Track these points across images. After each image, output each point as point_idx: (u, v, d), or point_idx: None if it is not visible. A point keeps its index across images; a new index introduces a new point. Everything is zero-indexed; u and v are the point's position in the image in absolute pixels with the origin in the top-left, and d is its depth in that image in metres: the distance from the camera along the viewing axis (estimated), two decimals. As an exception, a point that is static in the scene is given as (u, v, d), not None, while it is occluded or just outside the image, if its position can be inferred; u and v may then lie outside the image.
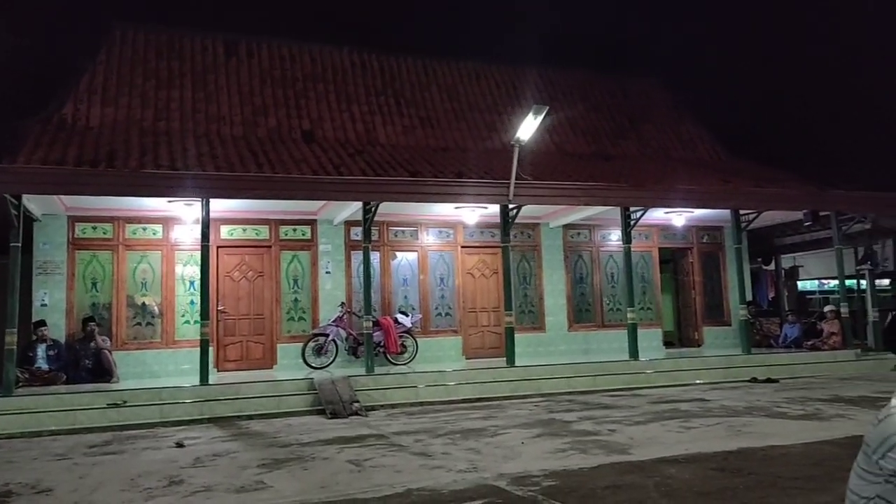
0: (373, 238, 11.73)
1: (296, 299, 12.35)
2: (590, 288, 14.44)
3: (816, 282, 22.48)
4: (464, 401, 9.79)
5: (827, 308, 14.90)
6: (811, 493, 3.95)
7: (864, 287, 16.93)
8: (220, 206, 10.75)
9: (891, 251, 17.14)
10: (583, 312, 14.32)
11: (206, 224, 10.12)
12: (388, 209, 11.63)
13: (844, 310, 13.54)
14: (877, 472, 1.92)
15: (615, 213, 12.52)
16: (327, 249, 12.57)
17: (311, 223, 12.55)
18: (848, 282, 14.92)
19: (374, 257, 12.54)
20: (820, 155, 18.98)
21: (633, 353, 11.86)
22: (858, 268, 16.46)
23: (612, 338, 13.75)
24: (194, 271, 11.36)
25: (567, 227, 14.17)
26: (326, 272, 12.50)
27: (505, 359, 11.34)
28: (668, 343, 15.20)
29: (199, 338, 9.96)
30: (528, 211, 12.05)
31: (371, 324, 10.90)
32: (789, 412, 7.54)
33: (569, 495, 4.13)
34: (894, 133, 21.87)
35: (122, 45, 13.92)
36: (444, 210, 12.42)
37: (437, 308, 13.26)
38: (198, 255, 10.59)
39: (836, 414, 7.20)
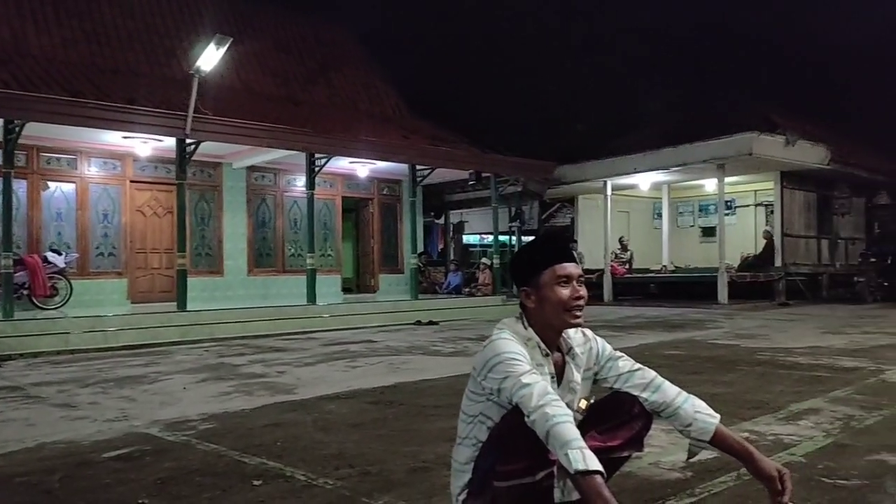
0: (18, 163, 10.07)
1: None
2: (272, 232, 14.30)
3: (478, 236, 25.25)
4: (125, 347, 9.06)
5: (482, 260, 16.87)
6: (449, 418, 4.38)
7: (514, 242, 19.47)
8: None
9: (536, 212, 19.96)
10: (264, 257, 14.15)
11: None
12: (39, 131, 10.08)
13: (496, 262, 15.42)
14: (480, 392, 2.21)
15: (301, 158, 12.48)
16: (-47, 173, 10.46)
17: (-69, 140, 10.30)
18: (501, 237, 16.99)
19: (20, 186, 10.82)
20: (486, 122, 21.15)
21: (312, 297, 12.10)
22: (510, 225, 18.82)
23: (292, 283, 13.84)
24: None
25: (251, 168, 13.78)
26: (-48, 200, 10.42)
27: (176, 303, 10.71)
28: (346, 289, 15.83)
29: None
30: (209, 148, 11.43)
31: (11, 262, 9.41)
32: (443, 350, 8.39)
33: (225, 436, 4.07)
34: (546, 112, 25.25)
35: None
36: (111, 139, 11.17)
37: (98, 247, 11.97)
38: None
39: (479, 350, 8.19)
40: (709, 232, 19.37)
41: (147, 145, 11.33)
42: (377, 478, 3.19)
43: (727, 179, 16.34)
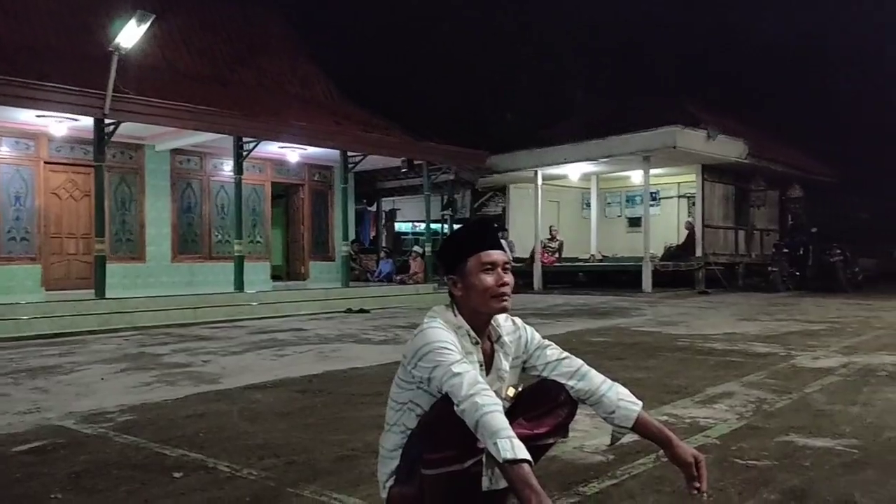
0: (-82, 141, 9.43)
1: None
2: (198, 218, 13.89)
3: (410, 224, 25.20)
4: (39, 337, 8.64)
5: (414, 248, 16.87)
6: (379, 406, 4.36)
7: (446, 230, 19.53)
8: None
9: (468, 200, 20.07)
10: (189, 243, 13.74)
11: None
12: (-58, 107, 9.45)
13: (428, 250, 15.44)
14: (410, 380, 2.21)
15: (228, 141, 12.15)
16: None
17: None
18: (434, 225, 17.02)
19: (-80, 165, 10.13)
20: (419, 110, 21.09)
21: (239, 285, 11.83)
22: (442, 213, 18.88)
23: (219, 270, 13.52)
24: None
25: (176, 151, 13.32)
26: None
27: (94, 290, 10.28)
28: (276, 276, 15.55)
29: None
30: (130, 129, 10.98)
31: (-89, 247, 8.84)
32: (373, 338, 8.35)
33: (145, 428, 3.94)
34: (479, 101, 25.36)
35: None
36: (24, 117, 10.59)
37: (10, 231, 11.37)
38: None
39: (410, 338, 8.20)
40: (635, 222, 19.91)
41: (62, 125, 10.80)
42: (303, 467, 3.15)
43: (652, 171, 16.84)
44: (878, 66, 26.16)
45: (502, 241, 2.42)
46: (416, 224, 24.54)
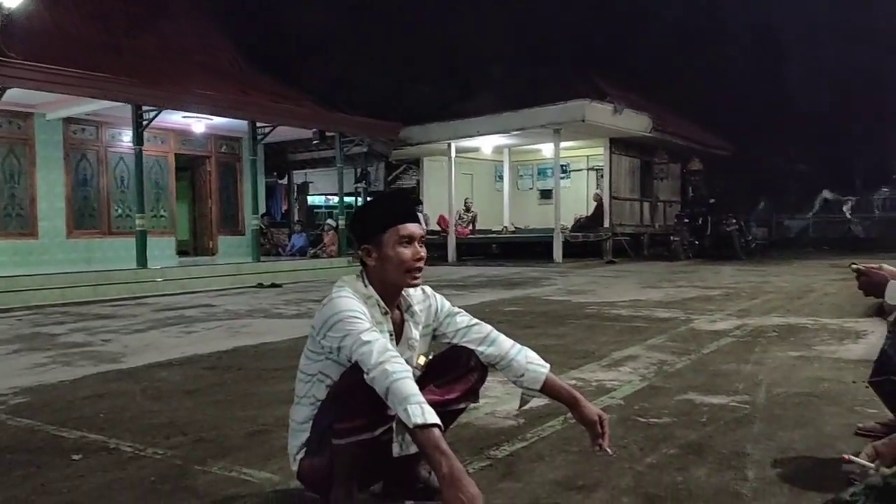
0: None
1: None
2: (95, 191, 13.18)
3: (323, 197, 24.80)
4: (-82, 320, 8.02)
5: (327, 221, 16.64)
6: (290, 381, 4.28)
7: (360, 203, 19.34)
8: None
9: (382, 173, 19.93)
10: (86, 218, 13.04)
11: None
12: None
13: (342, 223, 15.24)
14: (319, 350, 2.18)
15: (126, 110, 11.52)
16: None
17: None
18: (347, 198, 16.80)
19: None
20: (331, 81, 20.61)
21: (142, 261, 11.34)
22: (356, 186, 18.68)
23: (119, 245, 12.92)
24: None
25: (69, 121, 12.55)
26: None
27: (-19, 269, 9.62)
28: (183, 252, 15.01)
29: None
30: (17, 97, 10.26)
31: None
32: (285, 312, 8.21)
33: (40, 410, 3.73)
34: (392, 72, 25.02)
35: None
36: None
37: None
38: None
39: (318, 309, 8.09)
40: (546, 194, 20.33)
41: (-60, 91, 9.95)
42: (212, 444, 3.07)
43: (563, 145, 17.19)
44: (770, 44, 27.51)
45: (419, 215, 2.40)
46: (330, 197, 24.16)
